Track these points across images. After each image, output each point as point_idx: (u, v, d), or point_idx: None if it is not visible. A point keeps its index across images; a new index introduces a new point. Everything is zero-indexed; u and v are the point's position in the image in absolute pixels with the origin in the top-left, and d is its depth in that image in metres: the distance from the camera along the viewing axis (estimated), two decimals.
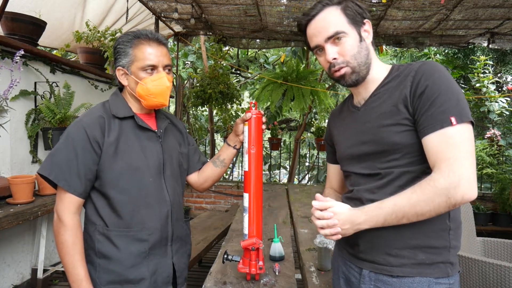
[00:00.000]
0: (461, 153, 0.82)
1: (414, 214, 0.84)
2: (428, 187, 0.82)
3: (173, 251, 1.27)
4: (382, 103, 0.96)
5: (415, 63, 0.94)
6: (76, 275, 1.11)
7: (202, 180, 1.44)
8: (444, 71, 0.89)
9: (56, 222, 1.14)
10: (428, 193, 0.82)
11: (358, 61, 0.96)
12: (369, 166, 0.99)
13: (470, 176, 0.81)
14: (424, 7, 3.34)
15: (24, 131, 2.76)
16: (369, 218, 0.88)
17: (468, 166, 0.81)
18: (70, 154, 1.12)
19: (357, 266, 1.01)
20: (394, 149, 0.92)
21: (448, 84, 0.87)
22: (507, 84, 6.39)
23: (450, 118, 0.84)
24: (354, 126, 1.04)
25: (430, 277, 0.89)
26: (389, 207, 0.86)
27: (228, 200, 5.07)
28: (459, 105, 0.85)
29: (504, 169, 4.46)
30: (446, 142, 0.83)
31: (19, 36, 2.75)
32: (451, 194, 0.80)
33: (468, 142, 0.84)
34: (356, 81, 0.99)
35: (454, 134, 0.83)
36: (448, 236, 0.91)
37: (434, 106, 0.85)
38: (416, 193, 0.83)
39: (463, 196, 0.80)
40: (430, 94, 0.86)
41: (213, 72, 4.36)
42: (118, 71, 1.22)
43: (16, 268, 2.74)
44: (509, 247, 2.39)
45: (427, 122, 0.86)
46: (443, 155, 0.83)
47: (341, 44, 0.95)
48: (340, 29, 0.95)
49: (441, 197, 0.81)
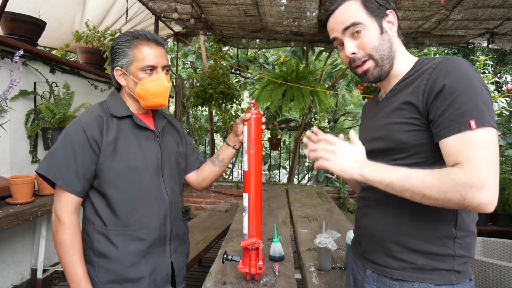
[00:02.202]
0: (486, 157, 0.75)
1: (420, 194, 0.78)
2: (447, 178, 0.75)
3: (172, 250, 1.27)
4: (397, 99, 0.92)
5: (438, 57, 0.88)
6: (75, 274, 1.11)
7: (200, 179, 1.45)
8: (466, 68, 0.81)
9: (55, 222, 1.14)
10: (445, 183, 0.75)
11: (380, 53, 0.91)
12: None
13: (495, 186, 0.74)
14: (424, 7, 3.34)
15: (24, 131, 2.76)
16: (377, 171, 0.82)
17: (494, 174, 0.75)
18: (68, 153, 1.12)
19: (362, 265, 1.01)
20: (401, 148, 0.89)
21: (468, 83, 0.79)
22: (507, 84, 6.39)
23: (469, 121, 0.76)
24: (373, 121, 1.01)
25: (431, 283, 0.86)
26: (401, 174, 0.79)
27: (228, 200, 5.07)
28: (479, 107, 0.77)
29: (504, 169, 4.46)
30: (468, 145, 0.77)
31: (18, 36, 2.75)
32: (468, 196, 0.74)
33: (493, 148, 0.77)
34: (379, 76, 0.94)
35: (474, 137, 0.76)
36: (454, 245, 0.86)
37: (451, 108, 0.78)
38: (433, 176, 0.77)
39: (480, 204, 0.74)
40: (448, 95, 0.79)
41: (213, 72, 4.36)
42: (116, 71, 1.21)
43: (16, 268, 2.74)
44: (509, 247, 2.39)
45: (444, 124, 0.79)
46: (465, 156, 0.76)
47: (360, 37, 0.91)
48: (358, 20, 0.90)
49: (455, 193, 0.74)
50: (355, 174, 0.84)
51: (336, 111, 7.95)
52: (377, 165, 0.83)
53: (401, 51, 0.96)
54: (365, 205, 1.01)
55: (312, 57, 6.16)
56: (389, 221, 0.93)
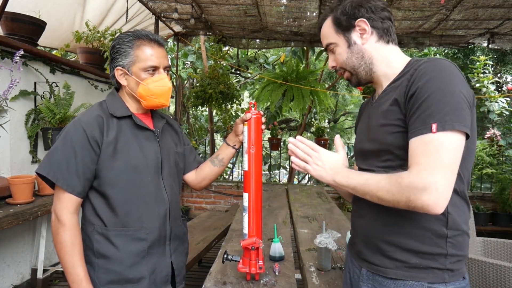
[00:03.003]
0: (435, 162, 0.76)
1: (375, 197, 0.85)
2: (396, 182, 0.81)
3: (171, 250, 1.27)
4: (386, 101, 0.95)
5: (424, 59, 0.89)
6: (75, 275, 1.10)
7: (199, 179, 1.45)
8: (442, 70, 0.82)
9: (55, 223, 1.13)
10: (393, 186, 0.81)
11: (349, 65, 1.00)
12: (369, 164, 0.99)
13: (438, 188, 0.75)
14: (424, 7, 3.34)
15: (24, 131, 2.76)
16: (347, 177, 0.91)
17: (439, 177, 0.75)
18: (68, 154, 1.12)
19: (358, 265, 1.02)
20: (388, 150, 0.91)
21: (441, 86, 0.79)
22: (507, 84, 6.39)
23: (431, 124, 0.78)
24: (367, 121, 1.04)
25: (424, 282, 0.88)
26: (362, 179, 0.88)
27: (228, 200, 5.07)
28: (443, 111, 0.77)
29: (504, 169, 4.46)
30: (423, 148, 0.78)
31: (19, 36, 2.75)
32: (411, 198, 0.77)
33: (449, 152, 0.77)
34: (358, 83, 1.03)
35: (431, 141, 0.78)
36: (446, 244, 0.87)
37: (419, 110, 0.81)
38: (385, 180, 0.83)
39: (423, 206, 0.76)
40: (420, 96, 0.81)
41: (213, 72, 4.36)
42: (117, 71, 1.21)
43: (16, 268, 2.74)
44: (509, 247, 2.39)
45: (412, 126, 0.82)
46: (416, 159, 0.79)
47: (334, 53, 1.02)
48: (329, 41, 1.02)
49: (402, 196, 0.79)
50: (330, 180, 0.94)
51: (336, 111, 7.96)
52: (348, 172, 0.92)
53: (389, 52, 0.98)
54: (358, 206, 1.04)
55: (312, 57, 6.15)
56: (381, 221, 0.94)
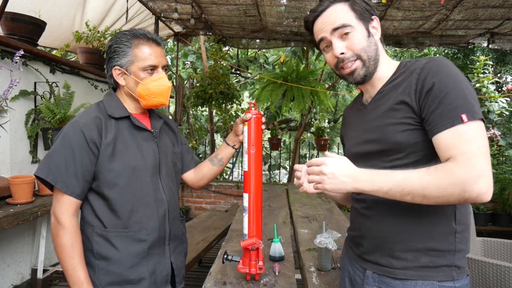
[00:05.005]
0: (479, 148, 0.78)
1: (421, 195, 0.79)
2: (445, 174, 0.77)
3: (171, 250, 1.27)
4: (387, 101, 0.94)
5: (422, 59, 0.91)
6: (76, 277, 1.10)
7: (198, 178, 1.45)
8: (451, 67, 0.86)
9: (54, 225, 1.13)
10: (443, 180, 0.76)
11: (368, 54, 0.95)
12: (373, 165, 0.97)
13: (489, 175, 0.76)
14: (424, 7, 3.34)
15: (24, 131, 2.76)
16: (373, 180, 0.82)
17: (486, 164, 0.77)
18: (67, 155, 1.11)
19: (361, 267, 1.01)
20: (397, 148, 0.90)
21: (456, 81, 0.83)
22: (507, 84, 6.39)
23: (461, 115, 0.80)
24: (361, 124, 1.03)
25: (433, 280, 0.87)
26: (399, 179, 0.80)
27: (228, 200, 5.07)
28: (469, 102, 0.81)
29: (504, 169, 4.46)
30: (460, 138, 0.79)
31: (19, 36, 2.74)
32: (467, 189, 0.75)
33: (483, 139, 0.80)
34: (364, 77, 0.97)
35: (467, 130, 0.79)
36: (454, 239, 0.88)
37: (443, 104, 0.82)
38: (430, 175, 0.78)
39: (478, 194, 0.75)
40: (438, 92, 0.83)
41: (213, 72, 4.36)
42: (114, 70, 1.20)
43: (16, 268, 2.74)
44: (509, 247, 2.39)
45: (437, 120, 0.82)
46: (458, 149, 0.79)
47: (348, 39, 0.94)
48: (347, 22, 0.94)
49: (455, 188, 0.75)
50: (351, 189, 0.84)
51: (336, 111, 7.95)
52: (370, 174, 0.84)
53: (384, 55, 1.01)
54: (363, 206, 1.02)
55: (312, 57, 6.15)
56: (389, 221, 0.93)
